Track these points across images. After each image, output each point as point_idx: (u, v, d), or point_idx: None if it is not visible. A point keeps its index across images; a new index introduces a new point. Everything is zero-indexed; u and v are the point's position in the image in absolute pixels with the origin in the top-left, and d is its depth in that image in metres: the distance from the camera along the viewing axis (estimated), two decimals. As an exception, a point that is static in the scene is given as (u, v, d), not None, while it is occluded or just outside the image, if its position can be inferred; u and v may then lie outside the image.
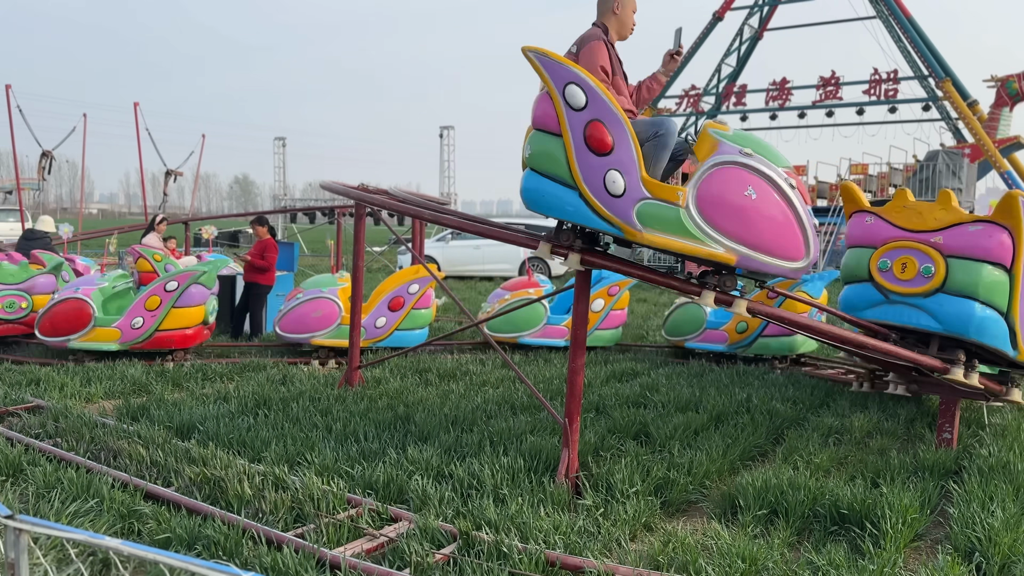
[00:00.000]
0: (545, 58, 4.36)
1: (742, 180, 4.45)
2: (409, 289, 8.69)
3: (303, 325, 8.51)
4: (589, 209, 4.37)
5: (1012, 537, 3.94)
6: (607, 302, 9.28)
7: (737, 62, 31.33)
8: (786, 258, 4.45)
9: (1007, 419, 6.39)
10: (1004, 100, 24.58)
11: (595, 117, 4.34)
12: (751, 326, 8.67)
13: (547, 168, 4.45)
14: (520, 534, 3.90)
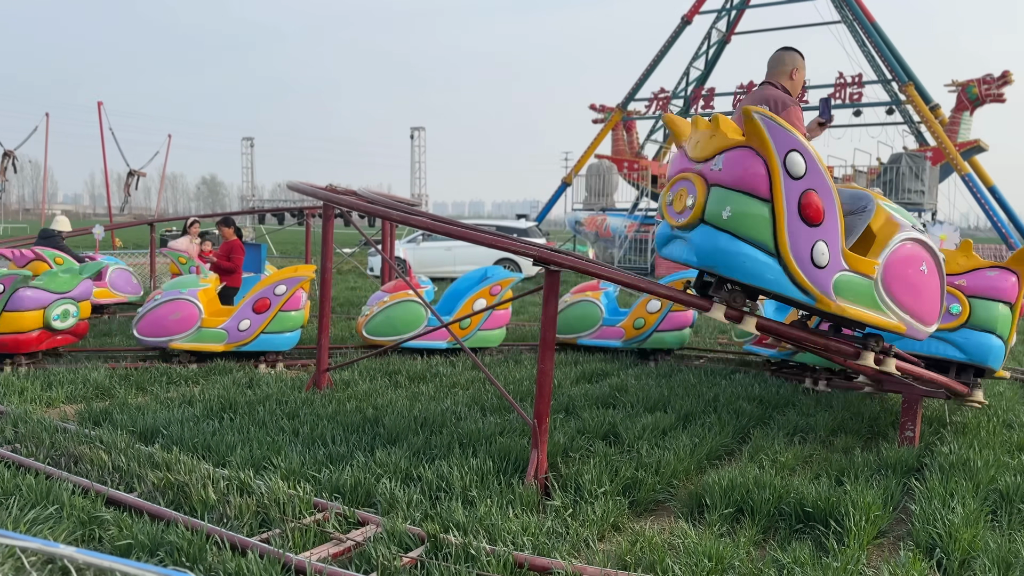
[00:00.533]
0: (771, 122, 4.26)
1: (919, 256, 4.79)
2: (275, 291, 8.33)
3: (161, 328, 8.12)
4: (789, 278, 4.35)
5: (972, 533, 4.02)
6: (489, 301, 9.05)
7: (705, 65, 31.57)
8: (928, 324, 4.86)
9: (967, 417, 6.52)
10: (965, 104, 25.03)
11: (811, 187, 4.33)
12: (648, 322, 9.01)
13: (747, 232, 4.31)
14: (489, 536, 3.89)
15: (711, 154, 4.50)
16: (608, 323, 9.35)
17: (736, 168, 4.34)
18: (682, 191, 4.62)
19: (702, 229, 4.47)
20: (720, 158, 4.41)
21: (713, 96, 30.22)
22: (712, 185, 4.43)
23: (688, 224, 4.55)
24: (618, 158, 30.94)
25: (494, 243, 4.61)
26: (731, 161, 4.36)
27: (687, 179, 4.59)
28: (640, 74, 31.22)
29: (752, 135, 4.29)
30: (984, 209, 24.43)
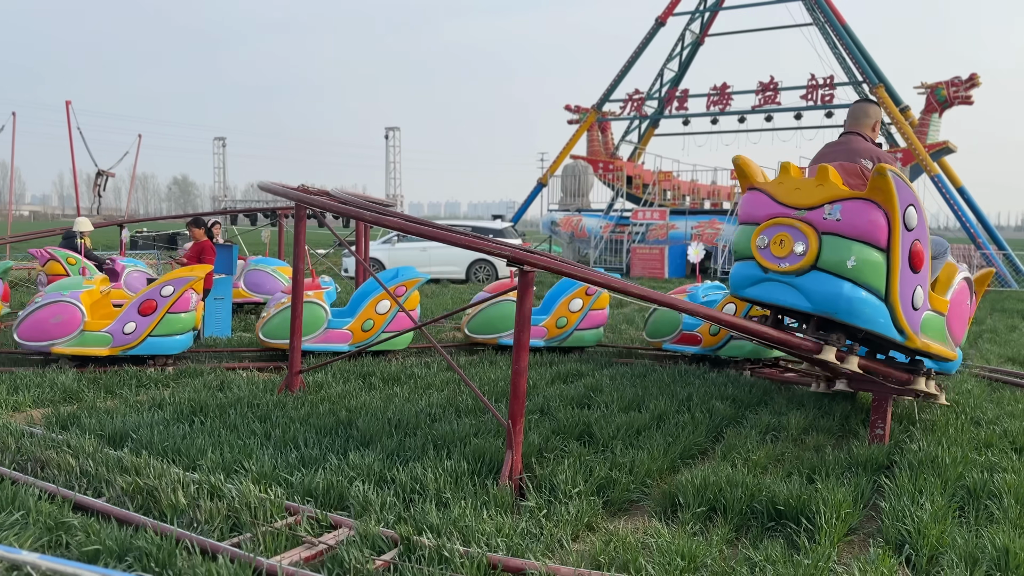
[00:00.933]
0: (899, 180, 4.63)
1: (967, 292, 5.43)
2: (162, 292, 8.04)
3: (42, 332, 7.78)
4: (893, 321, 4.73)
5: (940, 529, 4.07)
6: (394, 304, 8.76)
7: (679, 67, 31.80)
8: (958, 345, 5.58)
9: (936, 415, 6.61)
10: (934, 106, 25.45)
11: (918, 237, 4.73)
12: (570, 321, 9.32)
13: (867, 280, 4.67)
14: (463, 537, 3.87)
15: (819, 203, 4.68)
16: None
17: (858, 219, 4.57)
18: (784, 237, 4.80)
19: (816, 276, 4.67)
20: (835, 208, 4.61)
21: (687, 97, 30.44)
22: (825, 234, 4.64)
23: (797, 270, 4.76)
24: (593, 159, 31.06)
25: (466, 243, 4.61)
26: (851, 212, 4.58)
27: (790, 226, 4.75)
28: (615, 75, 31.35)
29: (879, 190, 4.51)
30: (953, 209, 24.84)
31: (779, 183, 5.00)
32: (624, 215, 28.76)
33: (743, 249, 5.19)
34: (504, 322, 9.30)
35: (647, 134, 33.05)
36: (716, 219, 26.09)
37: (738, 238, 5.27)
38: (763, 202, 5.01)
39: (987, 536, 3.99)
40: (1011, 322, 13.75)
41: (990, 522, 4.35)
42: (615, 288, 4.76)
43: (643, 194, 29.30)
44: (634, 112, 31.57)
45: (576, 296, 9.43)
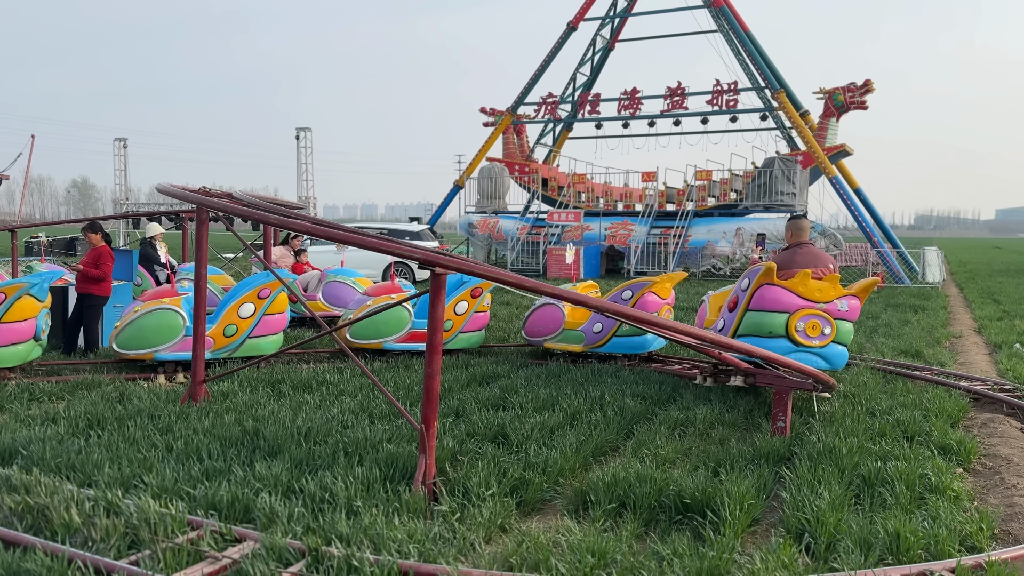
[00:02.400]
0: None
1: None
2: None
3: None
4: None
5: (837, 517, 4.25)
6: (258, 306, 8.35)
7: (591, 71, 32.27)
8: None
9: (835, 407, 6.90)
10: (832, 111, 26.61)
11: None
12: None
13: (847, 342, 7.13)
14: (373, 546, 3.81)
15: (833, 299, 6.75)
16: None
17: (855, 309, 6.84)
18: (815, 323, 6.74)
19: (834, 347, 6.79)
20: (843, 302, 6.77)
21: (599, 101, 30.92)
22: (838, 319, 6.75)
23: (823, 345, 6.75)
24: (509, 161, 31.20)
25: (374, 246, 4.55)
26: (852, 305, 6.81)
27: (819, 315, 6.74)
28: (529, 78, 31.59)
29: (864, 290, 6.95)
30: (850, 210, 26.04)
31: (802, 284, 6.77)
32: (540, 217, 29.00)
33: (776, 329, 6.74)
34: (389, 327, 9.09)
35: (561, 137, 33.41)
36: (629, 220, 26.61)
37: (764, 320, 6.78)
38: (791, 298, 6.74)
39: (880, 522, 4.19)
40: (904, 316, 14.52)
41: (883, 508, 4.57)
42: (526, 287, 4.78)
43: (558, 196, 29.61)
44: (548, 115, 31.87)
45: (462, 299, 9.24)
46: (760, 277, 6.76)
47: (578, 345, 9.17)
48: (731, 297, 7.32)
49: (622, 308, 5.08)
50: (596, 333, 9.05)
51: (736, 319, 6.97)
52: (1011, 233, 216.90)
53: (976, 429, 6.63)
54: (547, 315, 9.34)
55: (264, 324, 8.46)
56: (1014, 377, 8.69)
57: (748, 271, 7.14)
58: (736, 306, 7.08)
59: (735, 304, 7.15)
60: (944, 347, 11.20)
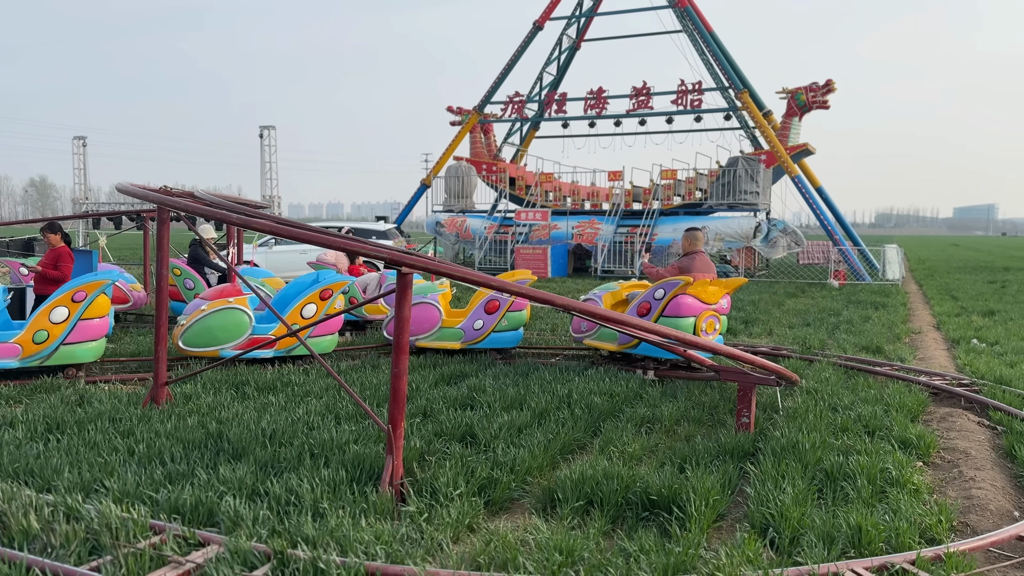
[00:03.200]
0: None
1: None
2: None
3: None
4: None
5: (801, 511, 4.31)
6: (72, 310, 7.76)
7: (558, 70, 32.36)
8: None
9: (798, 403, 7.00)
10: (794, 110, 27.01)
11: None
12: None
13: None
14: (340, 548, 3.78)
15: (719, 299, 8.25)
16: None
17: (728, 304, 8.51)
18: (712, 321, 8.21)
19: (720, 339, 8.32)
20: (724, 300, 8.34)
21: (566, 100, 31.01)
22: (722, 315, 8.41)
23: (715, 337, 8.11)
24: (476, 160, 31.17)
25: (338, 245, 4.51)
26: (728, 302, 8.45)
27: (713, 314, 8.22)
28: (495, 77, 31.58)
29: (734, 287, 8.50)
30: (812, 208, 26.45)
31: (703, 291, 8.04)
32: (508, 216, 29.02)
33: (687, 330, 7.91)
34: (226, 333, 8.41)
35: (528, 136, 33.47)
36: (596, 219, 26.74)
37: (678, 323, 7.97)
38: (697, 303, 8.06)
39: (842, 516, 4.26)
40: (865, 313, 14.79)
41: (845, 502, 4.65)
42: (492, 286, 4.78)
43: (526, 195, 29.65)
44: (515, 114, 31.89)
45: (309, 301, 8.67)
46: (678, 289, 8.03)
47: (456, 342, 9.29)
48: (641, 303, 8.37)
49: (586, 306, 5.10)
50: (476, 330, 9.24)
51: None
52: (968, 231, 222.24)
53: (935, 423, 6.77)
54: (422, 314, 9.29)
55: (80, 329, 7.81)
56: (972, 372, 8.90)
57: (663, 283, 8.21)
58: (649, 311, 8.24)
59: (648, 309, 8.27)
60: (904, 343, 11.43)
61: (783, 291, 19.59)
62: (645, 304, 8.31)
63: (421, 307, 9.30)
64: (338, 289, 8.79)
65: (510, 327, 9.33)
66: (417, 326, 9.21)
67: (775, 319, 13.72)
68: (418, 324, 9.22)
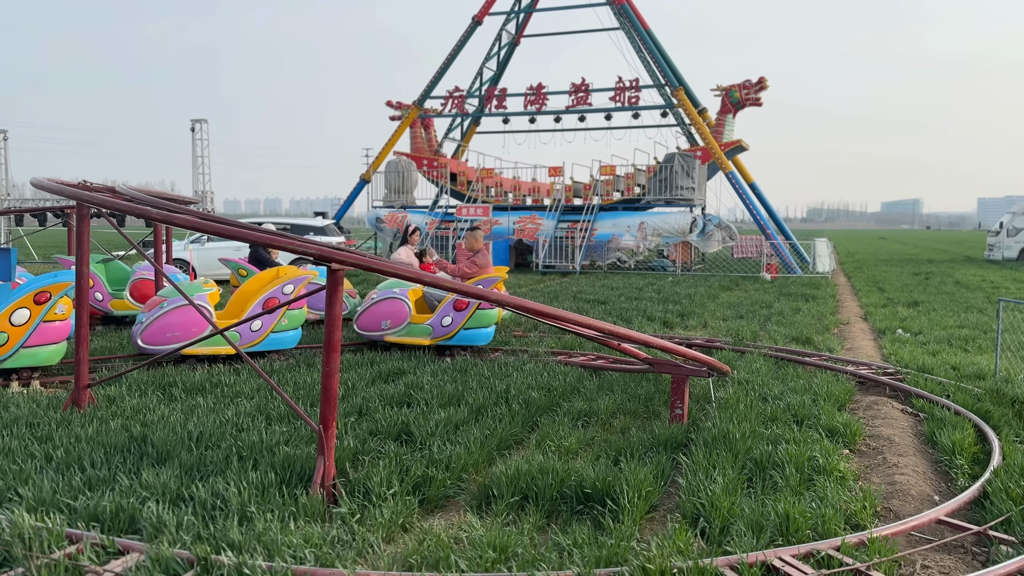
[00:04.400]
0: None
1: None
2: None
3: None
4: None
5: (730, 501, 4.38)
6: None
7: (497, 66, 32.33)
8: None
9: (730, 393, 7.12)
10: (728, 108, 27.55)
11: None
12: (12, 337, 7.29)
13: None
14: (267, 552, 3.68)
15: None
16: None
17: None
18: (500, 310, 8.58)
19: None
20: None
21: (506, 96, 31.00)
22: None
23: None
24: (417, 155, 30.92)
25: (265, 242, 4.39)
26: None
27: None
28: (435, 72, 31.38)
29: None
30: (745, 204, 27.03)
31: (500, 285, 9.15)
32: (449, 211, 28.88)
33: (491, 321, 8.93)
34: None
35: (469, 132, 33.36)
36: (537, 215, 26.81)
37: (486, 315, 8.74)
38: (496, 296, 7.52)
39: (771, 504, 4.34)
40: (795, 305, 15.17)
41: (774, 490, 4.74)
42: (425, 282, 4.72)
43: (467, 191, 29.56)
44: (455, 110, 31.75)
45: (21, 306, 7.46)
46: (496, 285, 9.25)
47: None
48: (459, 299, 8.98)
49: (533, 305, 5.09)
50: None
51: (467, 316, 9.18)
52: (895, 224, 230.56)
53: (861, 411, 6.98)
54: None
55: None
56: (896, 361, 9.20)
57: (482, 279, 8.99)
58: (468, 306, 9.03)
59: (466, 305, 9.04)
60: (833, 334, 11.76)
61: (718, 284, 19.97)
62: (463, 301, 8.96)
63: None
64: (59, 291, 7.52)
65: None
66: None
67: (710, 312, 13.97)
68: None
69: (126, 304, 11.47)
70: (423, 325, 9.31)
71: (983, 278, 22.15)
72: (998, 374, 8.13)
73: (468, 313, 9.22)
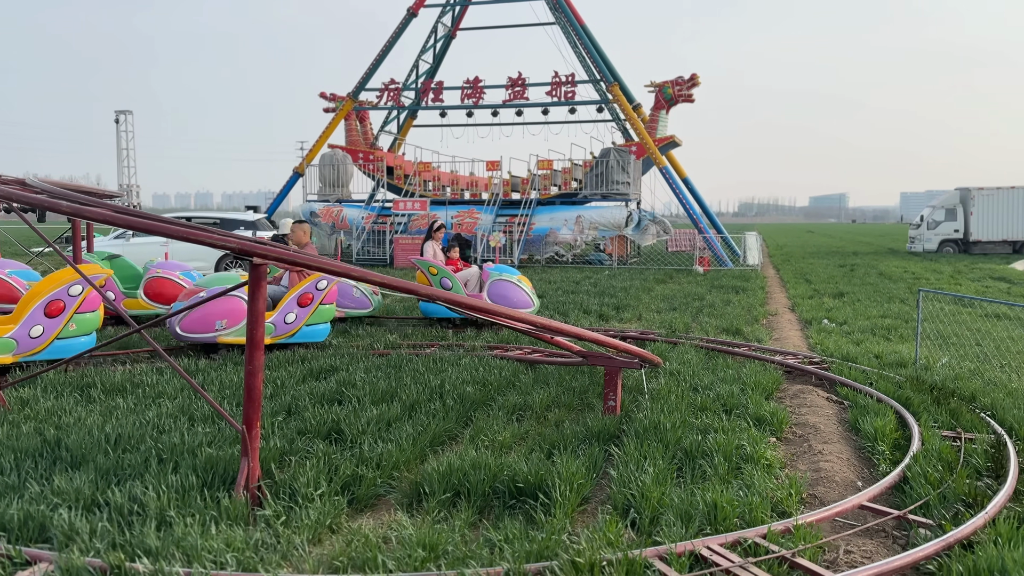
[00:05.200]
0: None
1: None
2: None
3: None
4: None
5: (661, 491, 4.41)
6: None
7: (434, 59, 32.07)
8: None
9: (662, 385, 7.19)
10: (662, 103, 27.96)
11: None
12: None
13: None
14: (186, 558, 3.54)
15: None
16: None
17: None
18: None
19: None
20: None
21: (442, 89, 30.79)
22: None
23: None
24: (352, 148, 30.47)
25: (181, 235, 4.21)
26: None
27: None
28: (370, 64, 30.96)
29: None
30: (679, 198, 27.49)
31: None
32: (386, 206, 28.55)
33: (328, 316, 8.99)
34: None
35: (406, 125, 33.04)
36: (475, 209, 26.74)
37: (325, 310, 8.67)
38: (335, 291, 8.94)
39: (699, 494, 4.39)
40: (726, 297, 15.49)
41: (704, 480, 4.79)
42: (353, 276, 4.62)
43: (404, 185, 29.27)
44: (391, 102, 31.38)
45: None
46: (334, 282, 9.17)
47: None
48: (303, 293, 8.89)
49: (454, 296, 5.02)
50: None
51: (311, 312, 9.05)
52: (822, 218, 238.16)
53: (788, 400, 7.14)
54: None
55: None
56: (822, 350, 9.46)
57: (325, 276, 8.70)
58: (311, 301, 8.94)
59: (310, 300, 8.95)
60: (761, 324, 12.03)
61: (653, 277, 20.25)
62: (308, 295, 8.89)
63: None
64: None
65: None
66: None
67: (644, 304, 14.14)
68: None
69: (140, 303, 10.86)
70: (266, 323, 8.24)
71: (905, 269, 23.03)
72: (918, 362, 8.43)
73: (311, 309, 8.98)
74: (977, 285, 18.37)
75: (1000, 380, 7.63)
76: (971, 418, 6.15)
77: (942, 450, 5.24)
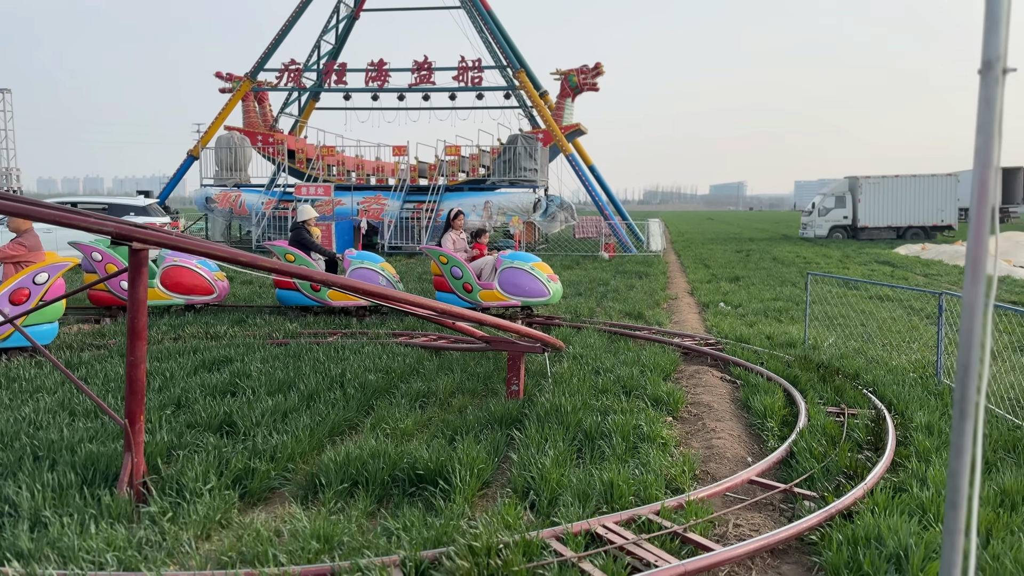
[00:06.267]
0: None
1: None
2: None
3: None
4: None
5: (560, 473, 4.45)
6: None
7: (336, 40, 31.32)
8: None
9: (564, 368, 7.27)
10: (567, 91, 28.21)
11: None
12: None
13: None
14: (62, 559, 3.34)
15: None
16: None
17: None
18: None
19: None
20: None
21: (345, 71, 30.11)
22: None
23: None
24: (251, 131, 29.44)
25: (53, 219, 3.95)
26: None
27: None
28: (268, 43, 29.95)
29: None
30: (585, 185, 27.86)
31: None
32: (287, 191, 27.75)
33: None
34: None
35: (308, 107, 32.18)
36: (382, 195, 26.33)
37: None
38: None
39: (597, 474, 4.45)
40: (630, 282, 15.82)
41: (602, 460, 4.87)
42: (242, 262, 4.44)
43: (307, 169, 28.51)
44: (292, 83, 30.47)
45: None
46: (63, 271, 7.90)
47: None
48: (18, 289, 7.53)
49: (349, 281, 4.91)
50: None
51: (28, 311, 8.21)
52: (722, 206, 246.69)
53: (685, 380, 7.34)
54: None
55: None
56: (718, 332, 9.78)
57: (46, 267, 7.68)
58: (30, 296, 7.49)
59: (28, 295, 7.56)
60: (662, 308, 12.35)
61: (560, 263, 20.47)
62: (24, 291, 7.47)
63: None
64: None
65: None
66: None
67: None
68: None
69: (158, 294, 10.50)
70: None
71: (797, 254, 24.09)
72: (807, 342, 8.83)
73: (29, 307, 7.41)
74: (864, 268, 19.39)
75: (882, 358, 8.07)
76: (854, 395, 6.47)
77: (827, 426, 5.50)
